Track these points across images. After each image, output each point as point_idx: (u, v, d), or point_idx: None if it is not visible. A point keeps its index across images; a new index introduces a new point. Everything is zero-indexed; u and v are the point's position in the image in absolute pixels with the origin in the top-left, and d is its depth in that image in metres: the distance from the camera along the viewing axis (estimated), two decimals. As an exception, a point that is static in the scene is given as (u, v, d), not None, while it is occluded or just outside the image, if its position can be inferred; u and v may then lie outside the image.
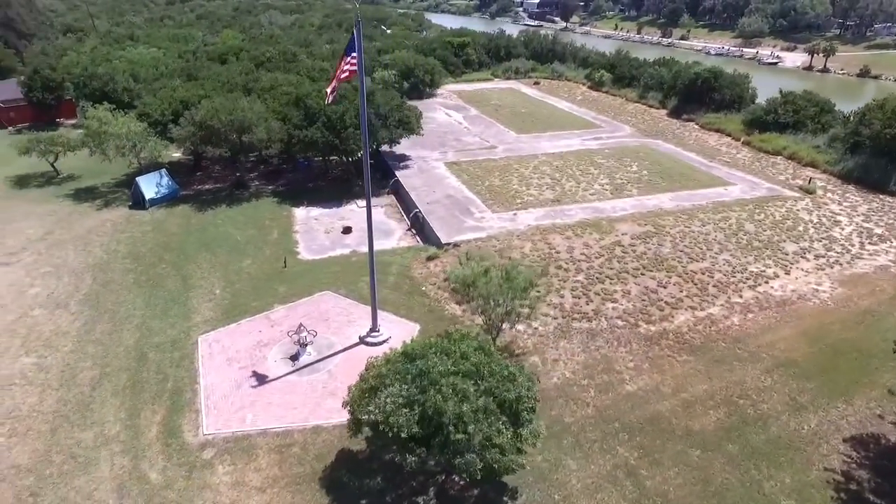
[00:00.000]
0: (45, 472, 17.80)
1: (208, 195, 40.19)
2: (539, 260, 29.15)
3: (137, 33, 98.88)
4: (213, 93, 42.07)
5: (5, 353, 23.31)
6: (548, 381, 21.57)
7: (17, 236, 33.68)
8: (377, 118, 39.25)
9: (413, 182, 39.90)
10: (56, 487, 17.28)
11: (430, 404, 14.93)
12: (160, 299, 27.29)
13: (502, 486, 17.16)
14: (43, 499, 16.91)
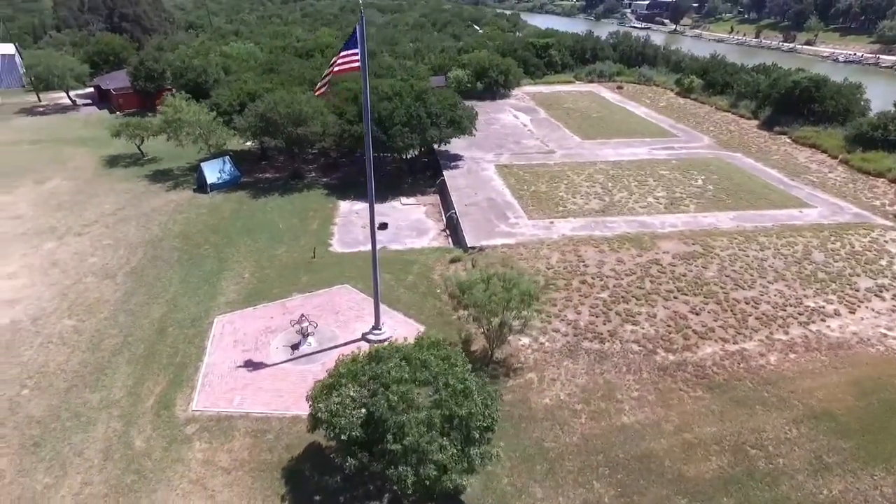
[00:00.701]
0: (50, 425, 19.51)
1: (265, 183, 42.27)
2: (563, 272, 27.70)
3: (243, 30, 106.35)
4: (279, 86, 44.14)
5: (53, 314, 25.88)
6: (538, 401, 20.41)
7: (94, 210, 37.36)
8: (427, 117, 39.20)
9: (458, 182, 39.49)
10: (55, 441, 18.86)
11: (375, 409, 14.60)
12: (194, 278, 29.04)
13: (456, 504, 16.46)
14: (42, 449, 18.54)
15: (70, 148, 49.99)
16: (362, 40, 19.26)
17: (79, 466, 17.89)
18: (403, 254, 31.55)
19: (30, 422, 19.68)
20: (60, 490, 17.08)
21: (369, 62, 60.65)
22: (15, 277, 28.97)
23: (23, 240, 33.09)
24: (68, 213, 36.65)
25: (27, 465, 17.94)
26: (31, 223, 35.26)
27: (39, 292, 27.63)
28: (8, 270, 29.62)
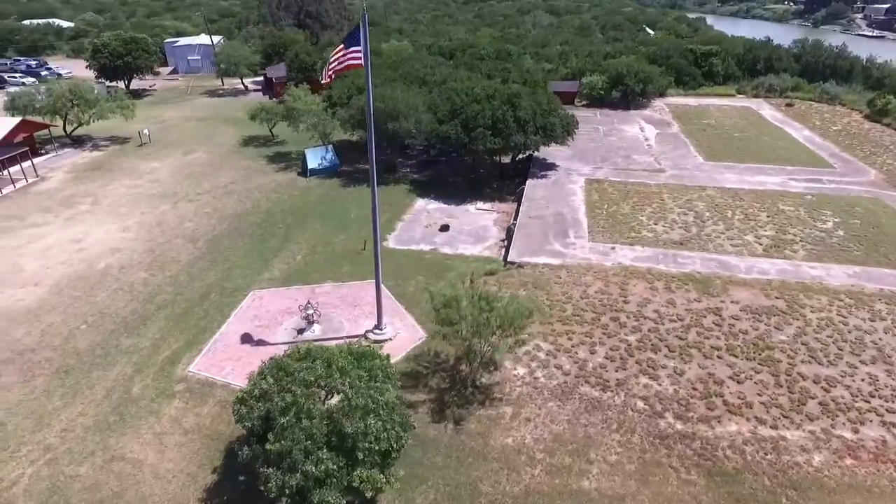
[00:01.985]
0: (84, 358, 22.90)
1: (360, 174, 44.43)
2: (596, 305, 24.81)
3: (407, 28, 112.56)
4: (388, 82, 45.94)
5: (136, 266, 30.25)
6: (499, 440, 18.65)
7: (212, 181, 42.74)
8: (514, 121, 37.75)
9: (536, 193, 37.50)
10: (80, 373, 22.10)
11: (273, 407, 14.62)
12: (255, 252, 31.71)
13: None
14: (68, 377, 21.83)
15: (223, 126, 57.71)
16: (365, 38, 19.18)
17: (84, 398, 20.76)
18: (449, 258, 30.95)
19: (73, 352, 23.31)
20: (61, 415, 19.99)
21: (504, 66, 60.28)
22: (127, 231, 34.41)
23: (149, 200, 39.14)
24: (192, 182, 42.45)
25: (51, 387, 21.32)
26: (162, 187, 41.53)
27: (136, 246, 32.48)
28: (126, 224, 35.29)
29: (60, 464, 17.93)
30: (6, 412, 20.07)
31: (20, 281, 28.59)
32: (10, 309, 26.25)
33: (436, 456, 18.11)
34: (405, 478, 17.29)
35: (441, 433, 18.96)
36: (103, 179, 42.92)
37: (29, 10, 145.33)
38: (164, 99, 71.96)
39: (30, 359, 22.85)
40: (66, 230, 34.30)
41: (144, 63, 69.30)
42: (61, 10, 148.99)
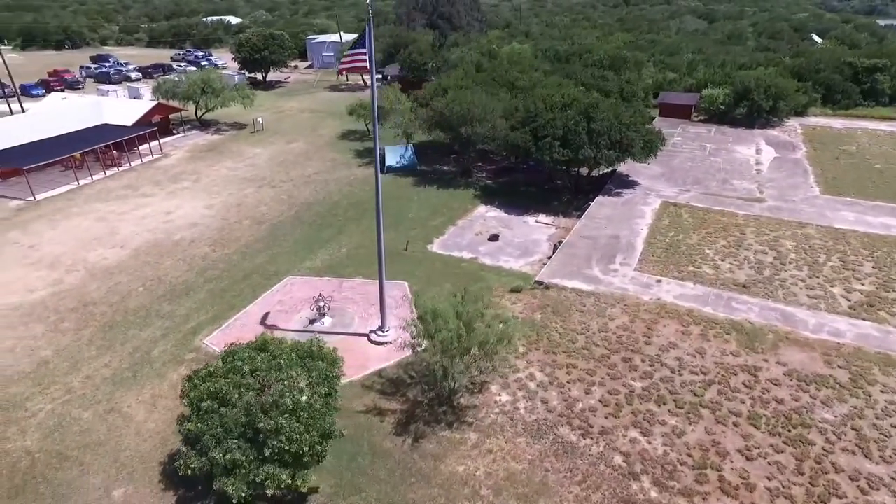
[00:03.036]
0: (129, 317, 25.85)
1: (435, 175, 44.77)
2: (612, 341, 22.49)
3: (535, 31, 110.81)
4: (477, 86, 45.63)
5: (204, 241, 33.42)
6: (451, 466, 17.75)
7: (299, 171, 45.81)
8: (586, 133, 35.43)
9: (600, 211, 34.93)
10: (121, 329, 24.97)
11: (203, 391, 15.36)
12: (307, 241, 33.42)
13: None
14: (110, 331, 24.80)
15: (330, 119, 61.53)
16: (370, 40, 19.20)
17: (113, 353, 23.47)
18: (484, 269, 30.03)
19: (122, 310, 26.46)
20: (91, 363, 22.80)
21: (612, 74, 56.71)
22: (210, 208, 38.18)
23: (240, 183, 43.04)
24: (281, 169, 45.87)
25: (94, 338, 24.40)
26: (255, 172, 45.42)
27: (212, 223, 35.92)
28: (212, 202, 39.17)
29: (71, 406, 20.49)
30: (54, 352, 23.41)
31: (112, 242, 33.08)
32: (95, 266, 30.49)
33: (382, 469, 17.75)
34: (341, 483, 17.27)
35: (396, 447, 18.54)
36: (211, 160, 48.05)
37: (212, 7, 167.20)
38: (292, 91, 78.56)
39: (90, 310, 26.39)
40: (164, 203, 38.99)
41: (278, 57, 76.16)
42: (241, 8, 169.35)
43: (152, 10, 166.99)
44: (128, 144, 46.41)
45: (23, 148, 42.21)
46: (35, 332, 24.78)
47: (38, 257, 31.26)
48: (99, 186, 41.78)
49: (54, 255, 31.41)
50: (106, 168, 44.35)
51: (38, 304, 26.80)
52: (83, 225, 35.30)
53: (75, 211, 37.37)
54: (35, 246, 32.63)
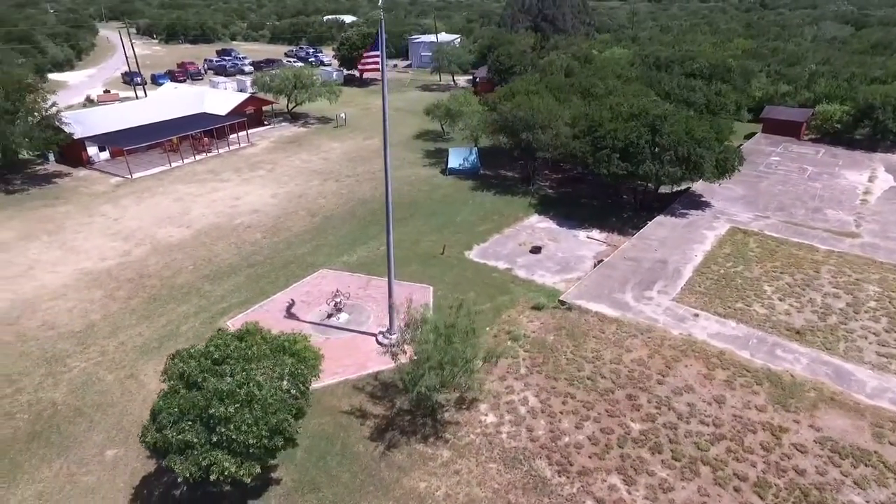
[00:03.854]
0: (173, 293, 28.03)
1: (497, 180, 43.98)
2: (620, 376, 20.66)
3: (642, 36, 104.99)
4: (545, 90, 44.09)
5: (259, 228, 35.41)
6: (414, 482, 17.29)
7: (367, 167, 47.06)
8: (648, 147, 32.87)
9: (656, 232, 32.30)
10: (161, 303, 27.14)
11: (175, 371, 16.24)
12: (351, 236, 34.24)
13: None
14: (152, 303, 27.04)
15: (411, 118, 62.58)
16: (381, 43, 19.12)
17: (149, 323, 25.57)
18: (514, 281, 28.95)
19: (169, 285, 28.75)
20: (128, 330, 24.99)
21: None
22: (274, 197, 40.40)
23: (309, 175, 45.11)
24: (350, 165, 47.43)
25: (139, 307, 26.73)
26: (325, 166, 47.38)
27: (271, 211, 37.97)
28: (277, 192, 41.42)
29: (100, 367, 22.62)
30: (102, 316, 26.01)
31: (181, 222, 36.10)
32: (161, 242, 33.45)
33: (346, 472, 17.73)
34: (304, 479, 17.48)
35: (367, 452, 18.42)
36: (290, 152, 50.85)
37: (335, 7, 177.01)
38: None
39: (143, 282, 28.99)
40: (236, 188, 41.89)
41: (374, 56, 78.76)
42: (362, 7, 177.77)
43: (281, 9, 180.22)
44: (219, 132, 50.48)
45: (132, 130, 47.32)
46: (94, 296, 27.70)
47: (118, 230, 34.92)
48: (187, 169, 45.83)
49: (131, 229, 34.92)
50: (197, 153, 48.53)
51: (104, 272, 29.93)
52: (162, 204, 38.90)
53: (160, 191, 41.30)
54: (119, 219, 36.49)
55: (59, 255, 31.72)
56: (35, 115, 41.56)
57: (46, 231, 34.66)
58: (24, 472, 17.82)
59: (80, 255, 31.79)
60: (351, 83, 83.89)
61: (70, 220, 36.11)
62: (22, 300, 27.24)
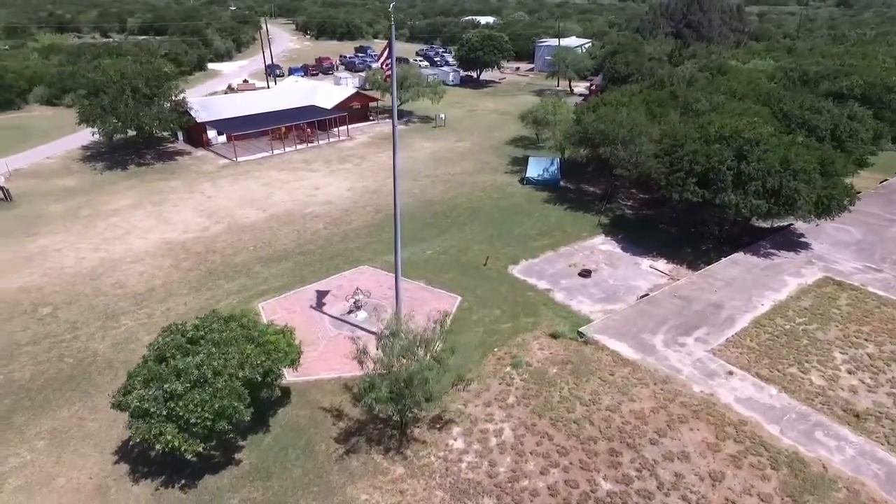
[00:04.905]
0: (227, 271, 30.51)
1: (574, 194, 41.72)
2: (614, 428, 18.50)
3: (800, 46, 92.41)
4: (639, 104, 40.74)
5: (324, 219, 37.19)
6: (357, 492, 17.15)
7: (448, 169, 47.24)
8: (732, 174, 28.90)
9: (726, 271, 28.42)
10: (213, 279, 29.67)
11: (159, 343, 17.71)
12: (404, 237, 34.45)
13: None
14: (207, 278, 29.63)
15: (512, 123, 61.42)
16: (391, 48, 18.96)
17: (196, 295, 28.08)
18: (548, 303, 27.24)
19: (227, 263, 31.34)
20: (178, 299, 27.67)
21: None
22: (351, 191, 42.17)
23: (390, 172, 46.05)
24: (433, 165, 47.93)
25: (194, 280, 29.51)
26: (410, 164, 48.28)
27: (342, 204, 39.68)
28: (355, 185, 43.16)
29: (141, 328, 25.36)
30: (162, 283, 29.16)
31: (260, 205, 39.18)
32: (237, 222, 36.59)
33: (299, 468, 18.06)
34: (261, 465, 18.13)
35: (326, 452, 18.60)
36: (382, 148, 52.72)
37: (478, 8, 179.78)
38: (499, 91, 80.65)
39: (207, 257, 31.96)
40: (320, 179, 44.44)
41: (490, 58, 78.79)
42: (505, 9, 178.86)
43: (428, 8, 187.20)
44: (322, 125, 53.89)
45: (246, 118, 52.29)
46: (163, 263, 31.16)
47: (207, 207, 38.88)
48: (285, 157, 49.61)
49: (217, 208, 38.69)
50: (300, 143, 52.30)
51: (180, 244, 33.52)
52: (252, 187, 42.54)
53: (256, 175, 45.19)
54: (212, 197, 40.61)
55: (153, 224, 36.15)
56: (169, 101, 47.63)
57: (152, 202, 39.69)
58: (50, 408, 20.66)
59: (169, 226, 35.91)
60: (467, 84, 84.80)
61: (173, 194, 40.98)
62: (109, 260, 31.51)
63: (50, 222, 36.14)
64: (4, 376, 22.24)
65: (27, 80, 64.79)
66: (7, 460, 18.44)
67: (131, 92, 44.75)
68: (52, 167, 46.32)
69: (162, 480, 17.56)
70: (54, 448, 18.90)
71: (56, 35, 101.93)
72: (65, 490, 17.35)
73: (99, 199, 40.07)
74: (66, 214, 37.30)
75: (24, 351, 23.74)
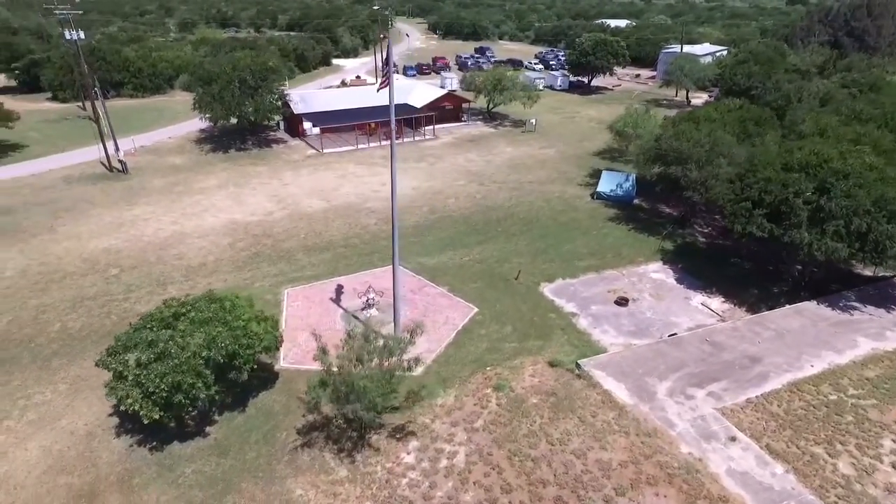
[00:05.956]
0: (273, 255, 32.47)
1: (646, 214, 38.52)
2: (569, 474, 16.79)
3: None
4: (733, 121, 36.27)
5: (379, 214, 38.02)
6: (294, 485, 17.46)
7: (520, 176, 45.98)
8: (808, 210, 24.67)
9: (784, 321, 24.39)
10: (258, 262, 31.71)
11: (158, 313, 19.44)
12: (445, 240, 34.27)
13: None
14: (254, 259, 31.80)
15: (606, 133, 57.73)
16: (388, 58, 18.79)
17: (238, 275, 30.23)
18: (566, 329, 25.49)
19: (277, 247, 33.34)
20: (220, 276, 30.02)
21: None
22: (415, 190, 42.64)
23: (461, 175, 46.13)
24: (508, 172, 46.84)
25: (240, 259, 31.80)
26: (485, 168, 47.77)
27: (401, 200, 39.89)
28: (420, 185, 43.60)
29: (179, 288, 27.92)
30: (215, 259, 31.81)
31: (326, 196, 41.13)
32: (299, 210, 38.78)
33: (253, 451, 18.76)
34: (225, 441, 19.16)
35: (283, 441, 19.13)
36: (463, 150, 52.69)
37: (614, 11, 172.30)
38: (608, 98, 76.62)
39: (261, 240, 34.28)
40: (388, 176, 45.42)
41: (602, 63, 75.06)
42: (646, 13, 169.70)
43: (565, 10, 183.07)
44: (411, 123, 55.17)
45: (340, 111, 55.14)
46: (223, 242, 34.01)
47: (279, 193, 41.70)
48: (367, 152, 51.56)
49: (287, 195, 41.35)
50: (384, 139, 54.03)
51: (243, 225, 36.34)
52: (326, 178, 44.82)
53: (334, 167, 47.53)
54: (287, 185, 43.47)
55: (228, 204, 39.61)
56: (269, 93, 51.75)
57: (236, 184, 43.48)
58: (82, 357, 23.56)
59: (241, 207, 39.09)
60: (576, 90, 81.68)
61: (256, 179, 44.52)
62: (181, 233, 35.10)
63: (149, 195, 41.15)
64: (61, 324, 25.82)
65: (175, 68, 74.14)
66: (33, 396, 21.41)
67: (238, 83, 49.26)
68: (170, 146, 52.66)
69: (139, 439, 19.27)
70: (71, 393, 21.57)
71: (213, 29, 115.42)
72: (63, 430, 19.75)
73: (195, 177, 44.81)
74: (164, 189, 42.23)
75: (84, 304, 27.34)
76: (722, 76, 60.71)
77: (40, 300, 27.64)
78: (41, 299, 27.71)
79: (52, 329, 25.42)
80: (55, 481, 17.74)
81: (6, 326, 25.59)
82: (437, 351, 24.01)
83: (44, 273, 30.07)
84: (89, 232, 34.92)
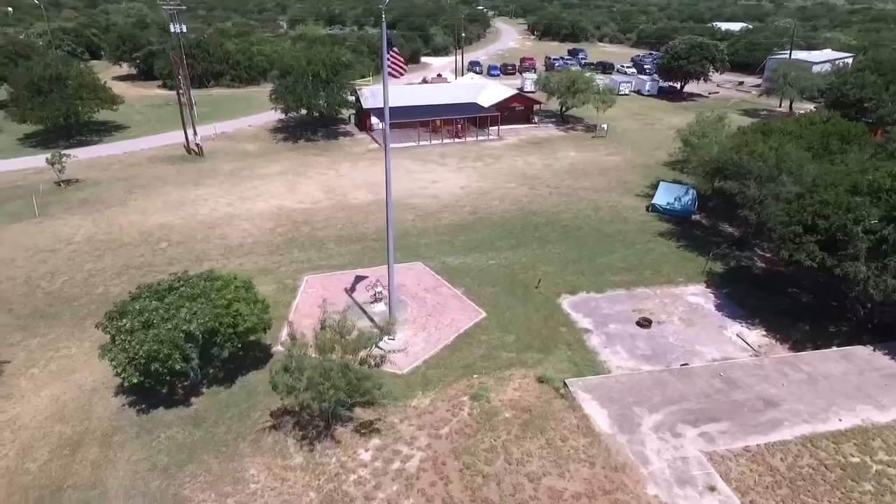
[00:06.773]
0: (307, 242, 33.57)
1: (702, 231, 35.39)
2: (520, 497, 15.65)
3: None
4: (813, 135, 32.12)
5: (418, 210, 38.06)
6: (241, 464, 17.83)
7: (574, 182, 44.02)
8: (873, 237, 21.22)
9: (822, 364, 21.29)
10: (293, 246, 32.93)
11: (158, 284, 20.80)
12: (474, 242, 33.49)
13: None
14: (287, 245, 33.08)
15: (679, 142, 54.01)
16: (384, 45, 18.59)
17: (269, 258, 31.58)
18: (573, 344, 24.01)
19: (311, 236, 34.46)
20: (253, 258, 31.54)
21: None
22: (463, 189, 42.18)
23: (514, 177, 45.01)
24: (564, 177, 45.03)
25: (276, 244, 33.17)
26: (541, 172, 46.22)
27: (445, 200, 40.06)
28: (470, 185, 43.03)
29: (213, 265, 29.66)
30: (253, 241, 33.49)
31: (373, 190, 41.76)
32: (343, 201, 39.80)
33: (224, 427, 19.36)
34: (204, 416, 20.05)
35: (255, 421, 19.65)
36: (525, 152, 51.40)
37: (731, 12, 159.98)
38: (699, 106, 70.86)
39: (300, 227, 35.58)
40: (444, 174, 45.44)
41: (695, 68, 69.88)
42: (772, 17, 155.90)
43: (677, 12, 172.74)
44: (478, 122, 54.75)
45: (408, 108, 55.83)
46: (265, 225, 35.72)
47: (330, 183, 43.05)
48: (427, 149, 51.82)
49: (338, 186, 42.58)
50: (447, 137, 54.05)
51: (288, 211, 37.93)
52: (379, 172, 45.31)
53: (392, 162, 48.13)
54: (342, 176, 44.79)
55: (281, 191, 41.55)
56: (343, 87, 53.62)
57: (295, 172, 45.51)
58: (111, 319, 25.76)
59: (292, 194, 40.85)
60: (665, 95, 76.70)
61: (314, 169, 46.33)
62: (231, 214, 37.32)
63: (216, 177, 44.24)
64: (104, 288, 28.43)
65: (270, 62, 79.08)
66: (61, 350, 23.76)
67: (311, 77, 51.53)
68: (247, 133, 56.28)
69: (132, 400, 20.71)
70: (92, 350, 23.53)
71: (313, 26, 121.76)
72: (74, 383, 21.72)
73: (261, 163, 47.51)
74: (230, 173, 45.19)
75: (129, 272, 29.91)
76: (830, 86, 54.19)
77: (94, 265, 30.65)
78: (95, 264, 30.72)
79: (95, 292, 28.09)
80: (52, 428, 19.56)
81: (60, 286, 28.66)
82: (430, 352, 23.58)
83: (105, 241, 33.31)
84: (154, 207, 38.20)
